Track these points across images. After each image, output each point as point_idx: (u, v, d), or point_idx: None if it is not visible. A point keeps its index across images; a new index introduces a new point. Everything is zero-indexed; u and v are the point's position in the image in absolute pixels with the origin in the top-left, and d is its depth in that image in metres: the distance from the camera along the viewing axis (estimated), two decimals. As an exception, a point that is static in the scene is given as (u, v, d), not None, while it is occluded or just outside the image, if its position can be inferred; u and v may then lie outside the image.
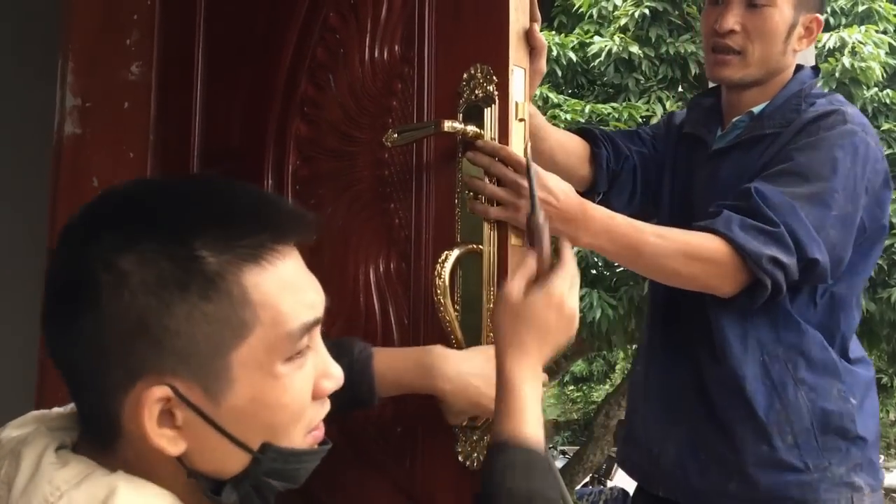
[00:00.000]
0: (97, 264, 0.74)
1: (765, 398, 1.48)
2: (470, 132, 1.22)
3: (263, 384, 0.78)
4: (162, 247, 0.74)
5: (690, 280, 1.44)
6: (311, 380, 0.83)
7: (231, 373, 0.76)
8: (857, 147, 1.50)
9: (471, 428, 1.20)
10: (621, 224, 1.37)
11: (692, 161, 1.70)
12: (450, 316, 1.17)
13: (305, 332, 0.81)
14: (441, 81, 1.30)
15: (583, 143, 1.75)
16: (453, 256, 1.18)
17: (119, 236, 0.75)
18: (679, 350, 1.60)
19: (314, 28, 1.49)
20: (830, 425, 1.51)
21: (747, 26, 1.57)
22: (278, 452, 0.81)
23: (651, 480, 1.64)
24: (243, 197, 0.81)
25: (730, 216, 1.42)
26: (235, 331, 0.76)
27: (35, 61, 2.20)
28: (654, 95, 5.46)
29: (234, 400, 0.77)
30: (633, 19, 5.66)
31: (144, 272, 0.74)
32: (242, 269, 0.76)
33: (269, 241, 0.79)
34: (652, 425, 1.64)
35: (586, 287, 5.26)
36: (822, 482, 1.49)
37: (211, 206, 0.79)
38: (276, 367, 0.79)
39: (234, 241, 0.77)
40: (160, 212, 0.77)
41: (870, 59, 5.31)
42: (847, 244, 1.48)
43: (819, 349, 1.53)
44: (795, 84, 1.62)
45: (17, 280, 2.06)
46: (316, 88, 1.49)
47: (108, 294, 0.74)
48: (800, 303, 1.54)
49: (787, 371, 1.50)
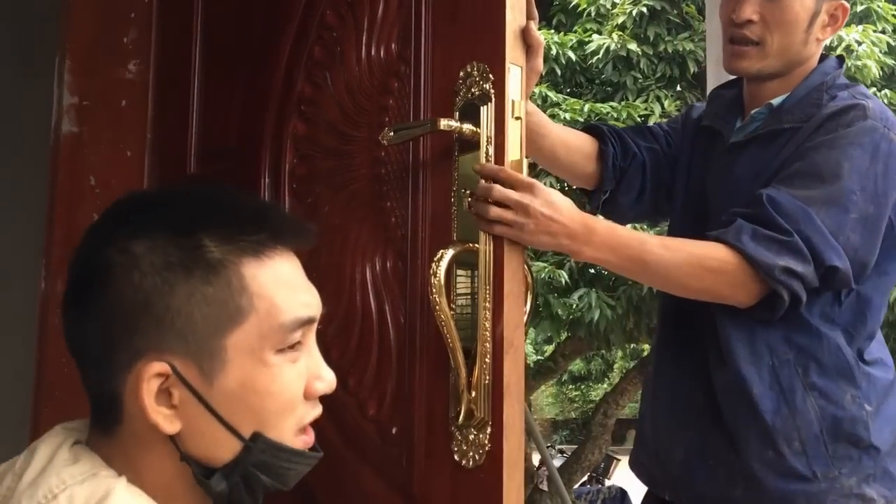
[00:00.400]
0: (113, 249, 0.83)
1: (772, 403, 1.43)
2: (466, 130, 1.22)
3: (254, 369, 0.84)
4: (171, 236, 0.83)
5: (702, 291, 1.41)
6: (303, 378, 0.89)
7: (225, 354, 0.83)
8: (879, 144, 1.43)
9: (467, 427, 1.20)
10: (624, 236, 1.35)
11: (708, 155, 1.64)
12: (445, 315, 1.17)
13: (298, 327, 0.87)
14: (437, 79, 1.30)
15: (589, 140, 1.71)
16: (449, 255, 1.18)
17: (134, 227, 0.84)
18: (687, 354, 1.56)
19: (311, 26, 1.49)
20: (841, 433, 1.44)
21: (766, 16, 1.50)
22: (267, 444, 0.85)
23: (658, 484, 1.61)
24: (248, 202, 0.91)
25: (741, 225, 1.39)
26: (232, 315, 0.83)
27: (32, 59, 2.20)
28: (653, 94, 5.47)
29: (227, 382, 0.83)
30: (631, 17, 5.67)
31: (154, 256, 0.82)
32: (242, 260, 0.84)
33: (268, 240, 0.86)
34: (660, 428, 1.61)
35: (585, 287, 5.27)
36: (831, 493, 1.42)
37: (219, 206, 0.88)
38: (267, 354, 0.85)
39: (237, 237, 0.84)
40: (172, 208, 0.87)
41: (866, 58, 5.31)
42: (871, 247, 1.43)
43: (833, 352, 1.47)
44: (818, 76, 1.54)
45: (14, 279, 2.06)
46: (313, 87, 1.49)
47: (121, 274, 0.82)
48: (822, 303, 1.48)
49: (797, 376, 1.45)
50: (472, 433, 1.20)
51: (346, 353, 1.40)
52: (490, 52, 1.23)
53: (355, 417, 1.37)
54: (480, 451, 1.19)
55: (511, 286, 1.23)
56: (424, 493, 1.26)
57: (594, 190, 1.74)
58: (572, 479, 7.16)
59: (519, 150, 1.24)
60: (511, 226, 1.20)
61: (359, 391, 1.38)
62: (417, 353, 1.29)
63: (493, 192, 1.20)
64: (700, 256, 1.38)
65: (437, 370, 1.25)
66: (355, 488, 1.36)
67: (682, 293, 1.44)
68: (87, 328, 0.84)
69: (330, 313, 1.43)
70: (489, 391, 1.19)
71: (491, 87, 1.22)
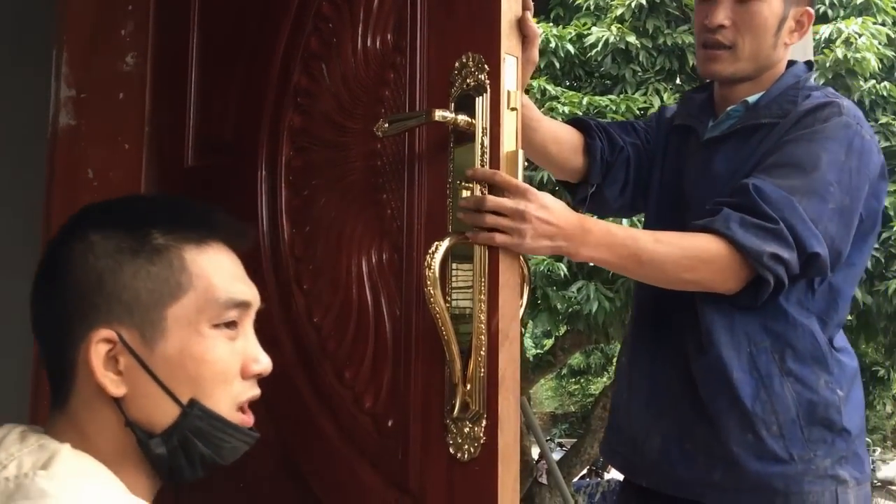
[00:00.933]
0: (73, 238, 0.97)
1: (751, 388, 1.48)
2: (461, 122, 1.22)
3: (191, 339, 0.95)
4: (124, 228, 0.97)
5: (694, 283, 1.45)
6: (240, 357, 0.99)
7: (165, 323, 0.95)
8: (852, 140, 1.50)
9: (462, 420, 1.20)
10: (619, 234, 1.37)
11: (682, 152, 1.70)
12: (440, 307, 1.17)
13: (234, 307, 0.98)
14: (433, 70, 1.29)
15: (576, 134, 1.73)
16: (444, 247, 1.18)
17: (94, 222, 0.98)
18: (665, 342, 1.60)
19: (307, 18, 1.48)
20: (816, 416, 1.50)
21: (737, 21, 1.57)
22: (203, 411, 0.95)
23: (635, 471, 1.64)
24: (195, 206, 1.04)
25: (728, 214, 1.43)
26: (172, 290, 0.95)
27: (29, 52, 2.19)
28: (652, 87, 5.46)
29: (166, 348, 0.94)
30: (630, 9, 5.65)
31: (107, 243, 0.95)
32: (184, 246, 0.97)
33: (208, 235, 1.00)
34: (637, 417, 1.64)
35: (583, 279, 5.26)
36: (807, 474, 1.48)
37: (167, 207, 1.03)
38: (203, 327, 0.96)
39: (180, 229, 0.98)
40: (128, 209, 1.02)
41: (865, 50, 5.29)
42: (845, 237, 1.49)
43: (808, 339, 1.52)
44: (790, 77, 1.62)
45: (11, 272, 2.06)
46: (309, 79, 1.48)
47: (78, 257, 0.95)
48: (796, 292, 1.53)
49: (774, 362, 1.49)
50: (468, 426, 1.20)
51: (343, 345, 1.40)
52: (485, 42, 1.23)
53: (351, 410, 1.37)
54: (476, 444, 1.18)
55: (506, 278, 1.23)
56: (420, 485, 1.26)
57: (579, 183, 1.76)
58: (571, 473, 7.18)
59: (514, 141, 1.24)
60: (510, 233, 1.20)
61: (355, 384, 1.38)
62: (413, 345, 1.29)
63: (485, 203, 1.19)
64: (692, 248, 1.41)
65: (433, 363, 1.25)
66: (351, 481, 1.36)
67: (675, 286, 1.47)
68: (49, 306, 0.97)
69: (326, 306, 1.43)
70: (484, 384, 1.19)
71: (486, 77, 1.22)
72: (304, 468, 1.43)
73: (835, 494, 1.49)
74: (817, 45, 5.35)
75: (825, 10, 5.75)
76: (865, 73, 5.36)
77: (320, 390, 1.43)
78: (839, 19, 5.61)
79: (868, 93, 5.41)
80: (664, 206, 1.70)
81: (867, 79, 5.42)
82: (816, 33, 5.32)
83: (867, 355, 9.94)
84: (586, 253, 1.33)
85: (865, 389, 11.86)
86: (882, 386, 11.63)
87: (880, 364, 10.30)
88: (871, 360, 10.28)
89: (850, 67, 5.33)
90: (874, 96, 5.45)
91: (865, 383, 11.34)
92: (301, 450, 1.44)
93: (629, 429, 1.65)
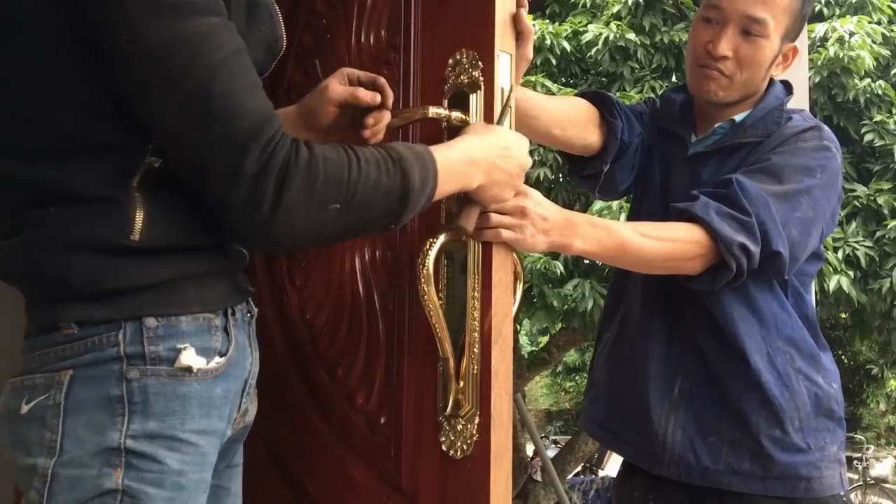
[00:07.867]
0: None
1: (777, 387, 1.59)
2: (455, 118, 1.22)
3: None
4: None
5: (671, 269, 1.54)
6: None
7: None
8: (828, 164, 1.62)
9: (455, 417, 1.20)
10: (603, 227, 1.45)
11: (671, 160, 1.76)
12: (433, 304, 1.16)
13: None
14: (427, 67, 1.29)
15: (588, 109, 1.74)
16: (437, 244, 1.17)
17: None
18: (683, 340, 1.66)
19: (301, 13, 1.48)
20: (822, 408, 1.64)
21: (739, 53, 1.63)
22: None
23: (653, 462, 1.67)
24: None
25: (707, 202, 1.52)
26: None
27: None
28: (648, 84, 5.45)
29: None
30: (627, 7, 5.64)
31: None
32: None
33: None
34: (652, 408, 1.66)
35: (579, 277, 5.26)
36: (823, 460, 1.62)
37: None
38: None
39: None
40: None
41: (860, 49, 5.29)
42: (804, 246, 1.59)
43: (807, 340, 1.66)
44: (772, 99, 1.70)
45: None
46: (302, 75, 1.48)
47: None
48: (797, 298, 1.67)
49: (788, 361, 1.62)
50: (461, 423, 1.20)
51: (335, 343, 1.40)
52: (479, 39, 1.23)
53: (343, 408, 1.37)
54: (468, 442, 1.18)
55: (500, 276, 1.22)
56: (412, 483, 1.26)
57: (592, 158, 1.77)
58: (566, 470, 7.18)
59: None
60: (513, 230, 1.25)
61: (347, 381, 1.37)
62: (406, 343, 1.29)
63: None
64: (671, 238, 1.50)
65: (426, 360, 1.25)
66: (343, 478, 1.36)
67: (653, 272, 1.57)
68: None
69: (319, 303, 1.43)
70: (477, 381, 1.19)
71: (480, 74, 1.21)
72: (296, 466, 1.43)
73: (840, 476, 1.65)
74: (812, 44, 5.35)
75: (821, 9, 5.74)
76: (860, 71, 5.36)
77: (313, 388, 1.42)
78: (835, 18, 5.60)
79: (863, 91, 5.41)
80: (654, 211, 1.74)
81: (862, 77, 5.42)
82: (812, 32, 5.32)
83: (861, 353, 9.96)
84: (579, 246, 1.40)
85: (860, 387, 11.84)
86: (876, 384, 11.66)
87: (874, 362, 10.32)
88: (865, 358, 10.30)
89: (844, 66, 5.32)
90: (869, 95, 5.44)
91: (860, 381, 11.38)
92: (293, 447, 1.43)
93: (642, 418, 1.67)
